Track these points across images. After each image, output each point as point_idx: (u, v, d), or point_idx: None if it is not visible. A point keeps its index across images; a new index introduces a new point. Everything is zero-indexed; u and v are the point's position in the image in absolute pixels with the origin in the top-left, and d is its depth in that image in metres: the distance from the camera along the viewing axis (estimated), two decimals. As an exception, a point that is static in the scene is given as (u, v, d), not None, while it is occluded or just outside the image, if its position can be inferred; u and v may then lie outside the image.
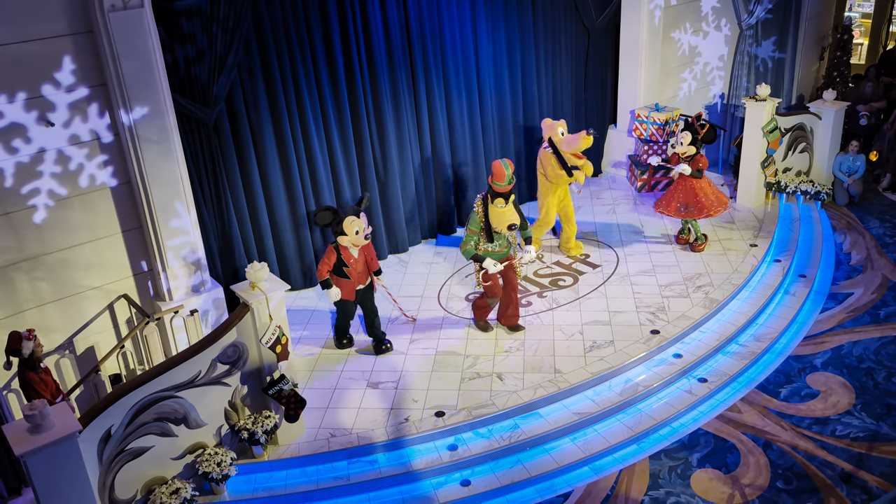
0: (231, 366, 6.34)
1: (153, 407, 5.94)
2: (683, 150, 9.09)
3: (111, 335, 7.45)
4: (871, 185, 11.59)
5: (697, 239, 9.45)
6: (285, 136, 8.45)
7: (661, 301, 8.45)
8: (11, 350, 6.08)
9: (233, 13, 7.39)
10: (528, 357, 7.66)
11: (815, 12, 12.72)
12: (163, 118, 6.94)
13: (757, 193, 10.54)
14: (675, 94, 11.98)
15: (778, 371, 7.80)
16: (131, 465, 5.94)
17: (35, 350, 6.13)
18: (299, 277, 9.13)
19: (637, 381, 7.41)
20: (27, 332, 6.11)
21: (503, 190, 7.55)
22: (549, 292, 8.77)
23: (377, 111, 9.18)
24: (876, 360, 7.85)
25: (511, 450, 6.74)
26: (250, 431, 6.39)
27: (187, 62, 7.30)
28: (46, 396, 6.12)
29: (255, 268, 6.29)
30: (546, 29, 10.55)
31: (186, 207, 7.31)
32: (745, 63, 12.12)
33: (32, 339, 6.12)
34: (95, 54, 6.63)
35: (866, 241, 10.11)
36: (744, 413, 7.26)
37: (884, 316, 8.55)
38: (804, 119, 10.68)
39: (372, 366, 7.69)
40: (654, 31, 11.02)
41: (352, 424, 6.91)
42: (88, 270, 7.12)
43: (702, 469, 6.63)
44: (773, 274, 9.09)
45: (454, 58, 9.62)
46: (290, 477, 6.57)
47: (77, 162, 6.81)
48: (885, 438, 6.84)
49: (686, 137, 9.07)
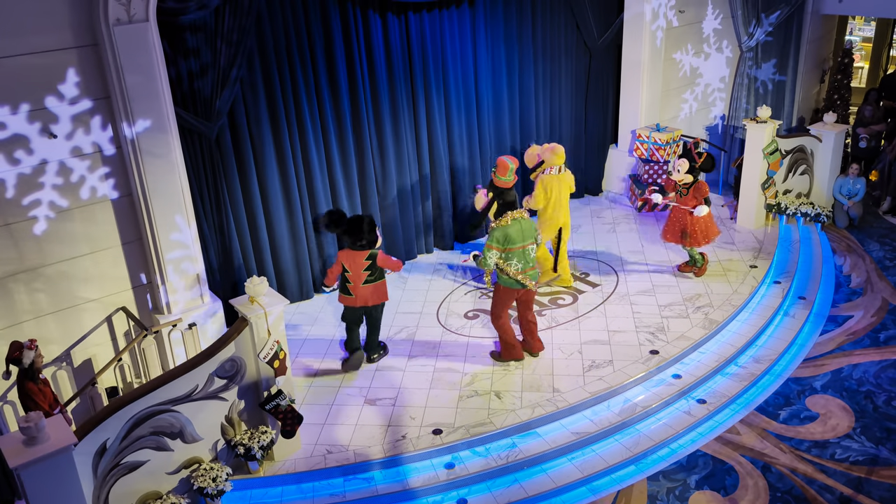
0: (228, 380, 6.31)
1: (149, 421, 5.91)
2: (680, 178, 8.96)
3: (109, 348, 7.43)
4: (871, 208, 11.61)
5: (697, 263, 9.34)
6: (286, 151, 8.48)
7: (661, 321, 8.43)
8: (12, 359, 6.05)
9: (237, 27, 7.44)
10: (526, 376, 7.63)
11: (816, 35, 12.80)
12: (165, 132, 6.96)
13: (757, 215, 10.55)
14: (676, 115, 12.03)
15: (777, 393, 7.77)
16: (126, 479, 5.89)
17: (35, 360, 6.09)
18: (297, 292, 9.13)
19: (636, 402, 7.38)
20: (28, 342, 6.07)
21: (507, 185, 7.67)
22: (549, 311, 8.75)
23: (377, 127, 9.22)
24: (875, 384, 7.82)
25: (508, 469, 6.70)
26: (246, 447, 6.36)
27: (191, 76, 7.34)
28: (44, 408, 6.08)
29: (255, 282, 6.29)
30: (547, 47, 10.61)
31: (187, 221, 7.32)
32: (744, 85, 12.18)
33: (34, 348, 6.08)
34: (99, 67, 6.66)
35: (866, 263, 10.11)
36: (743, 435, 7.22)
37: (884, 339, 8.53)
38: (804, 141, 10.72)
39: (370, 382, 7.66)
40: (656, 51, 11.08)
41: (349, 441, 6.87)
42: (87, 282, 7.11)
43: (700, 491, 6.59)
44: (772, 295, 9.08)
45: (454, 75, 9.68)
46: (286, 493, 6.53)
47: (79, 174, 6.82)
48: (885, 463, 6.80)
49: (683, 165, 8.91)
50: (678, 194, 9.08)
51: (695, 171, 9.00)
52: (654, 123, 11.28)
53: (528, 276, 7.41)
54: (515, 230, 7.30)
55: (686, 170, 8.93)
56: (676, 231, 9.18)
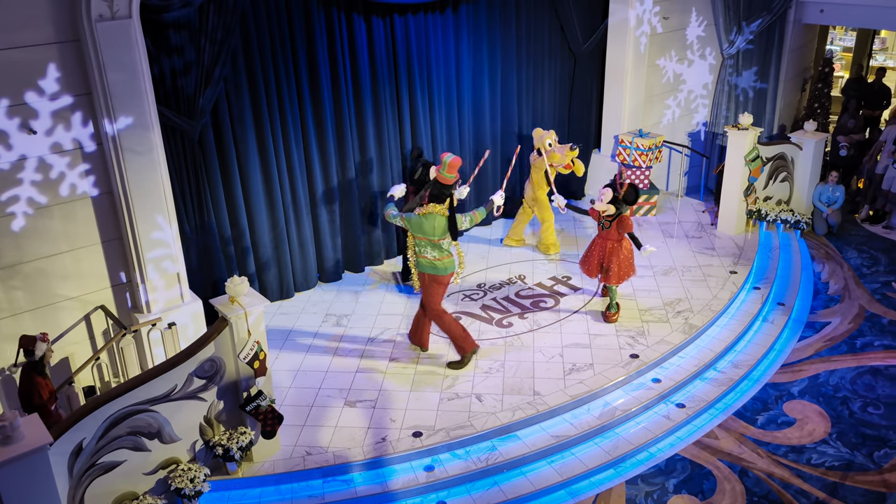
0: (208, 380, 6.27)
1: (127, 420, 5.86)
2: (603, 208, 8.24)
3: (87, 346, 7.36)
4: (850, 216, 11.75)
5: (610, 308, 8.59)
6: (268, 151, 8.44)
7: (641, 325, 8.48)
8: (25, 351, 6.15)
9: (221, 26, 7.40)
10: (507, 378, 7.64)
11: (798, 44, 12.94)
12: (147, 129, 6.91)
13: (737, 221, 10.64)
14: (658, 121, 12.11)
15: (755, 398, 7.84)
16: (102, 479, 5.84)
17: (45, 353, 6.21)
18: (278, 291, 9.09)
19: (615, 405, 7.41)
20: (41, 335, 6.19)
21: (448, 181, 7.37)
22: (531, 314, 8.77)
23: (360, 128, 9.21)
24: (852, 390, 7.91)
25: (488, 472, 6.71)
26: (225, 447, 6.32)
27: (174, 74, 7.29)
28: (45, 400, 6.14)
29: (235, 282, 6.25)
30: (531, 51, 10.65)
31: (168, 219, 7.27)
32: (726, 92, 12.29)
33: (46, 341, 6.20)
34: (81, 63, 6.60)
35: (844, 271, 10.23)
36: (721, 439, 7.28)
37: (860, 346, 8.63)
38: (785, 149, 10.83)
39: (350, 384, 7.64)
40: (640, 57, 11.15)
41: (328, 443, 6.85)
42: (66, 280, 7.04)
43: (678, 495, 6.63)
44: (752, 301, 9.16)
45: (438, 77, 9.69)
46: (265, 495, 6.50)
47: (58, 170, 6.76)
48: (860, 468, 6.88)
49: (607, 195, 8.18)
50: (601, 226, 8.41)
51: (618, 202, 8.21)
52: (637, 129, 11.35)
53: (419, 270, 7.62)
54: (425, 223, 7.35)
55: (609, 199, 8.19)
56: (594, 263, 8.53)
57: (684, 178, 12.25)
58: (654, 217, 11.20)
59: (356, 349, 8.19)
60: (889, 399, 7.76)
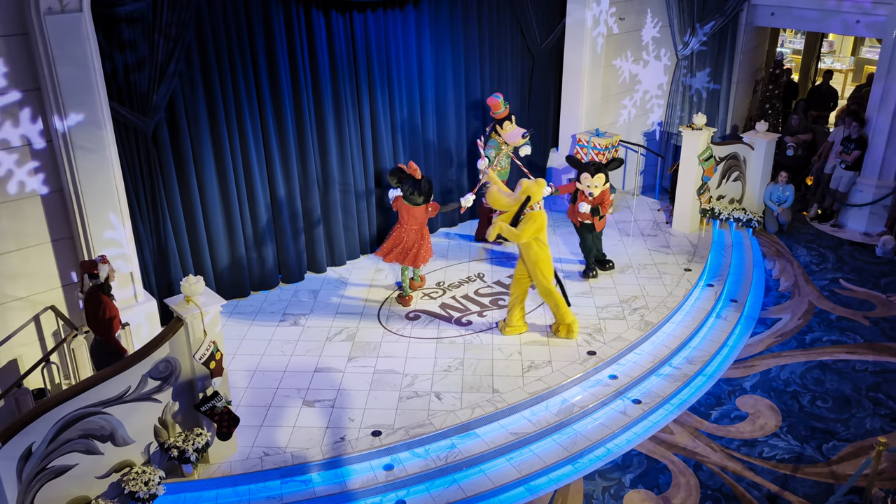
0: (162, 381, 6.17)
1: (78, 423, 5.73)
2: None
3: (36, 347, 7.19)
4: (800, 215, 12.04)
5: (405, 290, 8.97)
6: (224, 148, 8.34)
7: (598, 322, 8.58)
8: (90, 275, 6.35)
9: (175, 21, 7.28)
10: (466, 376, 7.67)
11: (750, 46, 13.21)
12: (99, 126, 6.77)
13: (692, 219, 10.83)
14: (615, 121, 12.25)
15: (709, 393, 7.99)
16: (53, 483, 5.70)
17: (109, 274, 6.47)
18: (234, 289, 8.99)
19: (573, 402, 7.49)
20: (100, 257, 6.40)
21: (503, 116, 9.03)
22: (489, 312, 8.81)
23: (319, 126, 9.13)
24: (801, 384, 8.11)
25: (447, 470, 6.72)
26: (180, 449, 6.23)
27: (126, 69, 7.15)
28: (115, 315, 6.45)
29: (191, 281, 6.16)
30: (494, 49, 10.69)
31: (121, 218, 7.13)
32: (680, 92, 12.49)
33: (107, 262, 6.45)
34: (30, 57, 6.44)
35: (794, 268, 10.48)
36: (676, 434, 7.40)
37: (809, 341, 8.86)
38: (738, 149, 11.05)
39: (308, 383, 7.58)
40: (597, 58, 11.26)
41: (286, 443, 6.79)
42: (14, 280, 6.86)
43: (634, 490, 6.73)
44: (705, 298, 9.33)
45: (398, 74, 9.67)
46: (221, 497, 6.42)
47: (6, 168, 6.58)
48: (809, 460, 7.06)
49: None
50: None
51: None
52: (594, 128, 11.47)
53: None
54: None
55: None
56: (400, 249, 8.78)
57: (640, 178, 12.43)
58: (611, 215, 11.33)
59: (314, 349, 8.14)
60: (837, 393, 7.98)
